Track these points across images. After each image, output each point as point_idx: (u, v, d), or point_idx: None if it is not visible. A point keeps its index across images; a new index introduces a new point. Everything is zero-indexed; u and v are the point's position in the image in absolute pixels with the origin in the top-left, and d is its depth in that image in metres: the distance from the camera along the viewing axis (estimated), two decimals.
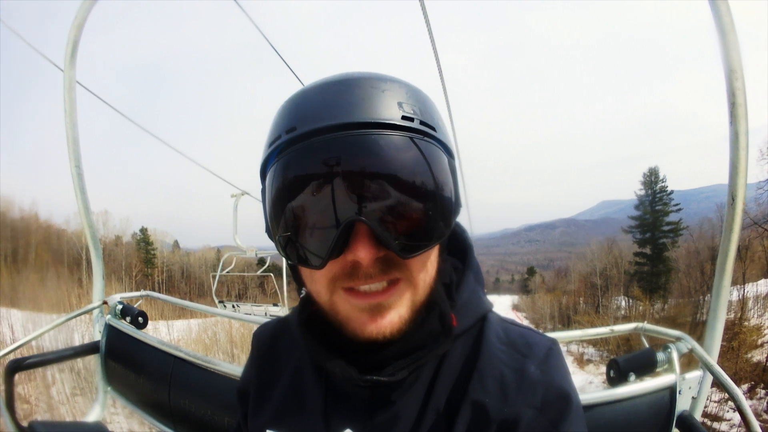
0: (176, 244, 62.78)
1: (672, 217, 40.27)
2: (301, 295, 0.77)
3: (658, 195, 40.79)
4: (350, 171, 0.57)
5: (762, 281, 26.19)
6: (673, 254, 37.87)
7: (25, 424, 1.89)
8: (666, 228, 39.97)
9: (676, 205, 40.65)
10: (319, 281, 0.65)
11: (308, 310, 0.73)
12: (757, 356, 21.35)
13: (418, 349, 0.66)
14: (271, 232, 0.66)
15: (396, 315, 0.63)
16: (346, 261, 0.60)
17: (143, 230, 54.15)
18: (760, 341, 22.39)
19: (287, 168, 0.61)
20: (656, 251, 39.12)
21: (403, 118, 0.60)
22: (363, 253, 0.58)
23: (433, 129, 0.63)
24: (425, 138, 0.61)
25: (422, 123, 0.62)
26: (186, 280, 56.19)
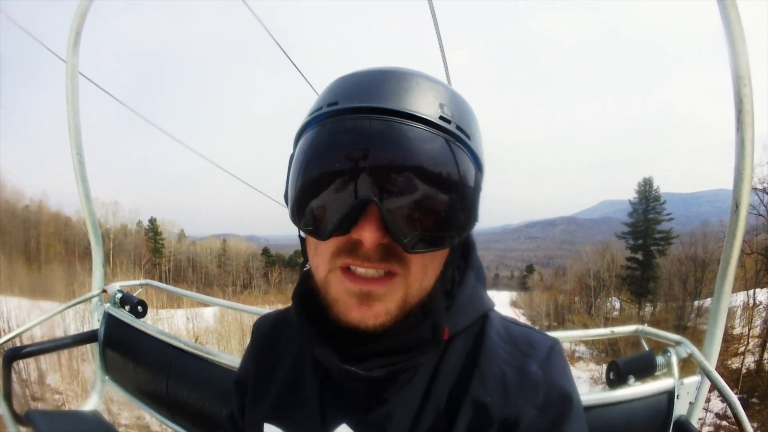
0: (182, 233, 62.48)
1: (664, 226, 40.91)
2: (304, 269, 0.74)
3: (652, 204, 41.43)
4: (376, 155, 0.56)
5: (744, 293, 26.25)
6: (662, 261, 38.35)
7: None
8: (657, 236, 40.57)
9: (668, 214, 41.39)
10: (322, 254, 0.63)
11: (306, 286, 0.70)
12: (737, 364, 21.88)
13: (405, 352, 0.63)
14: (287, 197, 0.66)
15: (383, 308, 0.61)
16: (350, 239, 0.59)
17: (152, 220, 54.10)
18: (741, 350, 22.76)
19: (320, 138, 0.61)
20: (647, 257, 39.65)
21: (441, 118, 0.59)
22: (368, 234, 0.56)
23: (468, 137, 0.62)
24: (457, 143, 0.60)
25: (458, 128, 0.61)
26: (192, 269, 56.20)
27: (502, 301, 55.97)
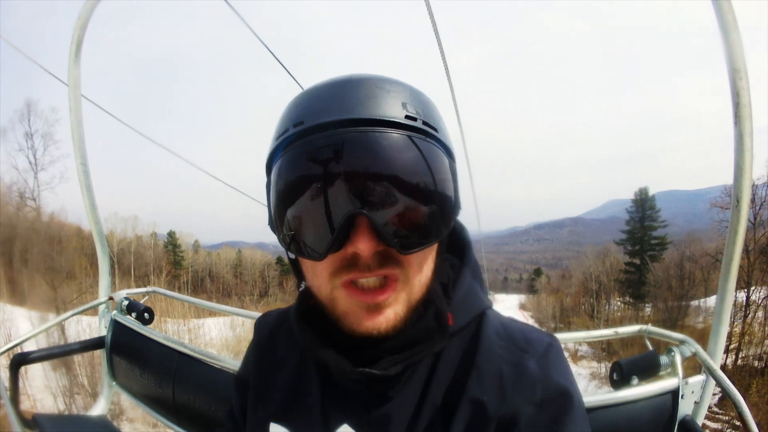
0: (197, 243, 62.15)
1: (660, 232, 41.29)
2: (300, 289, 0.73)
3: (648, 213, 41.62)
4: (354, 167, 0.56)
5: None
6: (657, 266, 38.58)
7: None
8: (653, 242, 40.76)
9: (663, 221, 41.56)
10: (320, 275, 0.62)
11: (305, 304, 0.70)
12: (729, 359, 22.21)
13: (414, 346, 0.63)
14: (274, 225, 0.65)
15: (392, 312, 0.61)
16: (346, 253, 0.59)
17: (171, 234, 54.17)
18: (732, 347, 22.85)
19: (294, 161, 0.59)
20: (644, 262, 39.83)
21: (407, 117, 0.59)
22: (363, 245, 0.56)
23: (435, 130, 0.62)
24: (427, 138, 0.60)
25: (425, 123, 0.61)
26: (210, 279, 56.13)
27: (511, 304, 55.69)
